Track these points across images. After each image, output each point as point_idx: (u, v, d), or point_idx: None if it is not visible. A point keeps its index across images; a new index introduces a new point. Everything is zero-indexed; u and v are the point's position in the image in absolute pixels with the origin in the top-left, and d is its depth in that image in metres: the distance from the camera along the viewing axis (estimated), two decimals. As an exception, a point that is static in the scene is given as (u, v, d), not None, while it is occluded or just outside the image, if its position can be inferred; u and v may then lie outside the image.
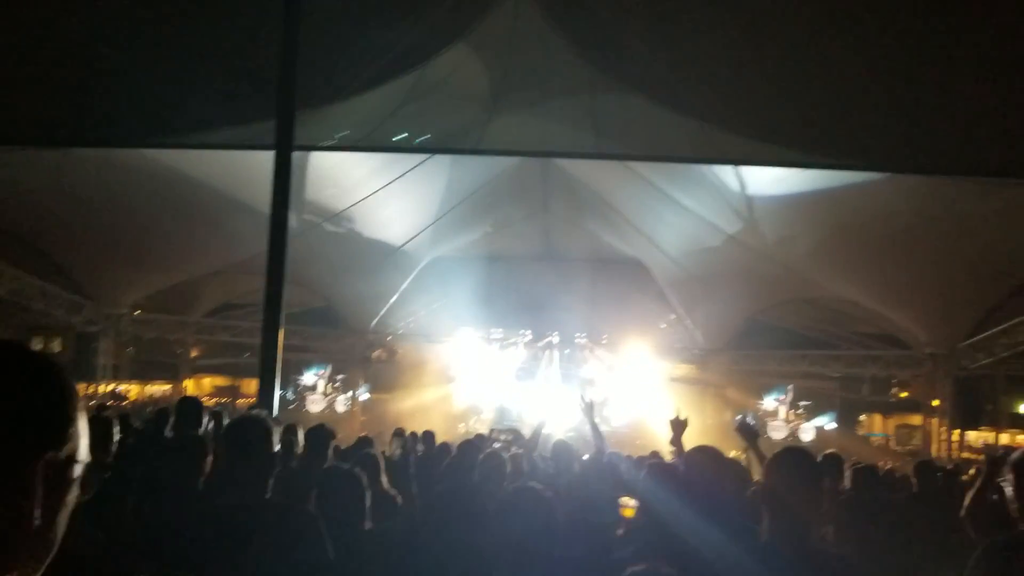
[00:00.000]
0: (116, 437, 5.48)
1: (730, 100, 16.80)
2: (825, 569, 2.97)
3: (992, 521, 5.50)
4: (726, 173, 21.18)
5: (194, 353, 32.90)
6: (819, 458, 7.16)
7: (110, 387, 26.60)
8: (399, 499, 5.44)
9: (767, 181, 20.47)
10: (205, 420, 6.67)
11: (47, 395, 1.15)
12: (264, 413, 3.48)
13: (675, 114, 18.68)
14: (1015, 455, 3.28)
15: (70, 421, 1.17)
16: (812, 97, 15.29)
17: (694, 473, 3.76)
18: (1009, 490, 3.17)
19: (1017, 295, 21.16)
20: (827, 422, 29.41)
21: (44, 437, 1.13)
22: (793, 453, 3.20)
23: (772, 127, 16.01)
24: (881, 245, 20.48)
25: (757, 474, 4.32)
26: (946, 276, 20.66)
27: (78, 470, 1.17)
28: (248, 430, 3.06)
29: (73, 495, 1.17)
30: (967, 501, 5.03)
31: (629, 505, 4.75)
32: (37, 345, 32.51)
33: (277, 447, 3.08)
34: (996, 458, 5.19)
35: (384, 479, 5.28)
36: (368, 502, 4.00)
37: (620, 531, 4.49)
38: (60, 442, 1.14)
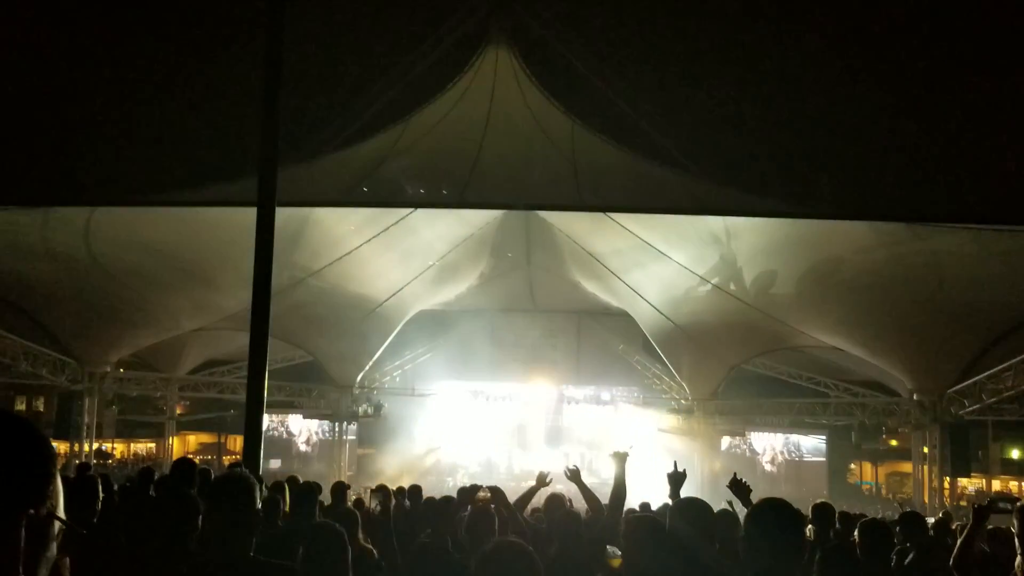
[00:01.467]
0: (100, 496, 5.42)
1: (711, 152, 17.02)
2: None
3: (979, 570, 5.47)
4: (708, 222, 21.33)
5: (179, 410, 32.63)
6: (809, 507, 7.13)
7: (94, 446, 26.29)
8: (375, 554, 5.40)
9: (748, 228, 20.61)
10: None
11: (29, 455, 1.20)
12: (246, 471, 3.46)
13: (656, 166, 18.92)
14: (1021, 503, 3.30)
15: (51, 479, 1.21)
16: (792, 149, 15.50)
17: (680, 525, 3.74)
18: (1016, 539, 3.19)
19: (1002, 341, 21.23)
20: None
21: (27, 494, 1.17)
22: (773, 504, 3.19)
23: (752, 178, 16.21)
24: (865, 293, 20.58)
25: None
26: (931, 323, 20.74)
27: (57, 526, 1.21)
28: (230, 488, 3.04)
29: (53, 551, 1.21)
30: (955, 550, 5.01)
31: (616, 555, 4.71)
32: (20, 405, 32.22)
33: (260, 504, 3.05)
34: (982, 507, 5.19)
35: (360, 534, 5.24)
36: (351, 557, 3.97)
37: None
38: (42, 499, 1.18)
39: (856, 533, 5.09)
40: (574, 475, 5.89)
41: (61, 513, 1.23)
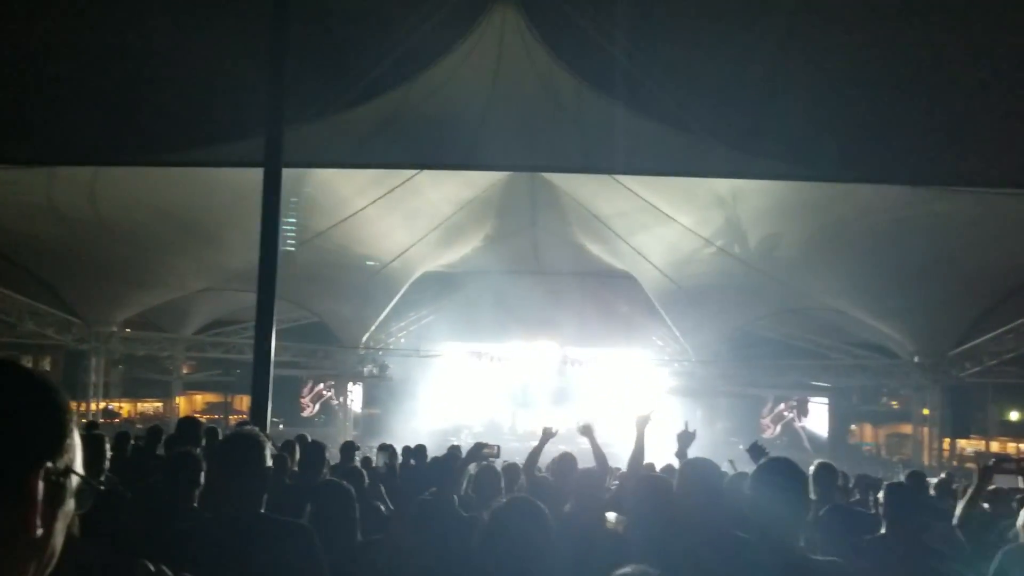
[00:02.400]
0: (108, 455, 5.50)
1: (716, 114, 16.90)
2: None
3: (983, 528, 5.55)
4: (713, 185, 21.27)
5: (185, 370, 32.82)
6: (811, 467, 7.20)
7: (101, 405, 26.48)
8: (383, 509, 5.48)
9: (753, 191, 20.57)
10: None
11: (44, 407, 1.19)
12: (256, 428, 3.51)
13: (663, 128, 18.81)
14: None
15: (67, 432, 1.20)
16: (797, 110, 15.40)
17: (687, 485, 3.77)
18: None
19: (1004, 304, 21.25)
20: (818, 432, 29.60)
21: (43, 448, 1.16)
22: (778, 463, 3.23)
23: (760, 140, 16.11)
24: (867, 255, 20.57)
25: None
26: (933, 285, 20.74)
27: (74, 480, 1.20)
28: (241, 445, 3.08)
29: (70, 505, 1.20)
30: (959, 509, 5.07)
31: (611, 520, 4.76)
32: (27, 364, 32.34)
33: (270, 462, 3.10)
34: (987, 467, 5.25)
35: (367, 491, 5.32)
36: (358, 514, 4.04)
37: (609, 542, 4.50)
38: (58, 452, 1.17)
39: (882, 495, 5.10)
40: (587, 430, 5.84)
41: (79, 467, 1.22)
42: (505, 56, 21.36)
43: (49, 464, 1.15)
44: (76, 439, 1.23)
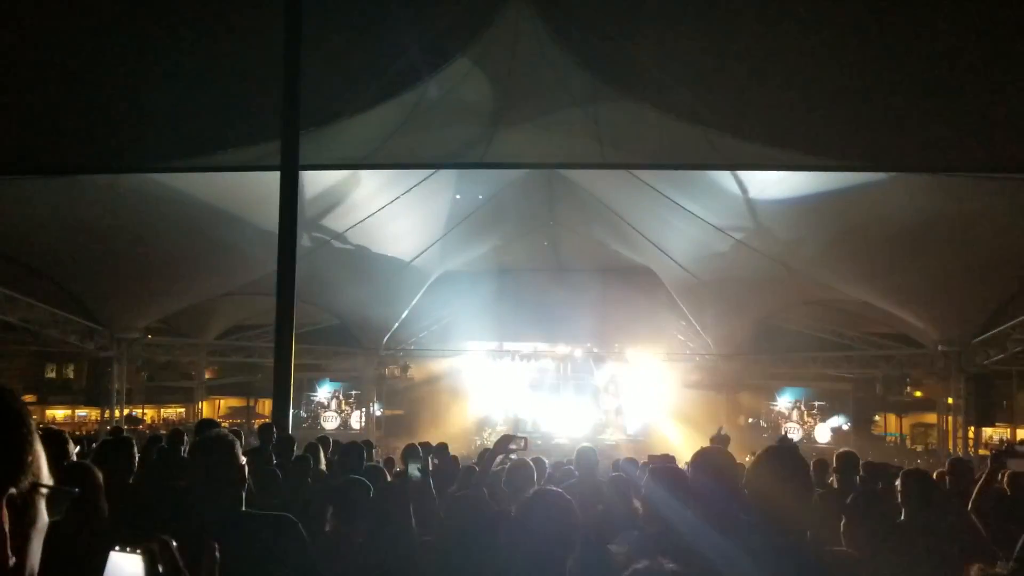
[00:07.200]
0: (136, 456, 5.58)
1: (734, 106, 16.85)
2: (824, 566, 3.02)
3: (998, 513, 5.54)
4: (732, 178, 21.20)
5: (208, 375, 32.99)
6: (834, 456, 7.21)
7: (125, 412, 26.69)
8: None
9: (773, 184, 20.47)
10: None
11: None
12: (224, 430, 3.63)
13: (679, 121, 18.79)
14: None
15: (27, 447, 1.12)
16: (816, 100, 15.34)
17: (701, 474, 3.79)
18: None
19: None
20: (842, 423, 29.46)
21: (2, 473, 1.08)
22: (775, 451, 3.28)
23: (777, 131, 16.06)
24: (889, 244, 20.42)
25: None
26: (956, 273, 20.57)
27: (43, 493, 1.13)
28: (209, 449, 3.17)
29: (43, 521, 1.14)
30: (974, 495, 5.09)
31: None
32: (51, 372, 32.67)
33: (243, 460, 3.17)
34: (999, 452, 5.27)
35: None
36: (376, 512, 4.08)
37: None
38: (20, 474, 1.10)
39: (898, 483, 5.10)
40: (503, 442, 5.62)
41: (45, 478, 1.14)
42: (519, 55, 21.38)
43: (13, 490, 1.08)
44: (37, 449, 1.14)
